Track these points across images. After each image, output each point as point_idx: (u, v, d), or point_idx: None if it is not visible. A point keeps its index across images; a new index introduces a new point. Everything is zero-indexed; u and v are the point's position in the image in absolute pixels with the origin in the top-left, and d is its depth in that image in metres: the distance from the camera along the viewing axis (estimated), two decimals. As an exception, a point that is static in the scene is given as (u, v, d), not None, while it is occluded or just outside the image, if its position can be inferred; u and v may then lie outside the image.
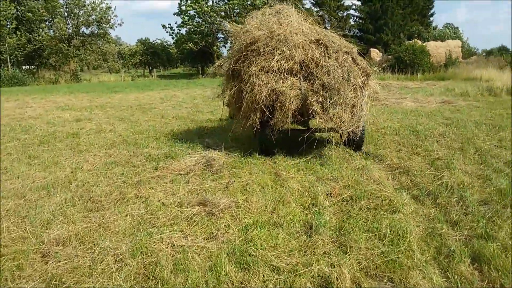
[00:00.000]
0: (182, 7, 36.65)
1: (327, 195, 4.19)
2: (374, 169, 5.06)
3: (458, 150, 5.97)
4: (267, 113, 5.36)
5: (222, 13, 37.72)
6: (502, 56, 32.00)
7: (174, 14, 37.59)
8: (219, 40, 39.80)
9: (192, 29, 36.64)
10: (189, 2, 36.45)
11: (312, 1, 46.74)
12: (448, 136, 6.90)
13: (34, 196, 4.33)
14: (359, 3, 47.36)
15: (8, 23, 33.53)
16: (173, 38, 39.69)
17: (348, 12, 46.70)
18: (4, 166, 5.64)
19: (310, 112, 5.30)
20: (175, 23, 43.77)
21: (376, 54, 37.16)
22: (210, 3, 38.59)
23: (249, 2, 36.95)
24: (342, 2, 45.73)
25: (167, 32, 39.68)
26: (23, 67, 36.72)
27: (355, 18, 47.63)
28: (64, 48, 36.27)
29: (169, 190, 4.38)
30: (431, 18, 49.00)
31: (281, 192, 4.28)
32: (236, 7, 37.18)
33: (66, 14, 37.10)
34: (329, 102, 5.17)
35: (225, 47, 39.74)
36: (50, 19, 36.33)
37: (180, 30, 38.25)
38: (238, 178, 4.79)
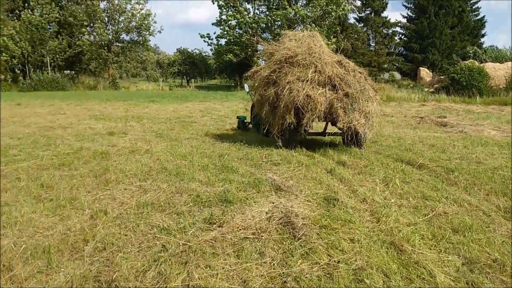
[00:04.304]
0: (222, 17, 35.58)
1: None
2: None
3: None
4: (302, 111, 6.47)
5: (263, 25, 36.41)
6: None
7: (213, 24, 36.56)
8: (259, 52, 38.52)
9: (232, 40, 35.43)
10: (230, 12, 35.38)
11: (356, 17, 44.94)
12: None
13: (24, 271, 2.75)
14: (405, 20, 45.14)
15: (50, 26, 33.55)
16: (211, 49, 38.75)
17: (393, 29, 44.50)
18: (5, 200, 4.16)
19: (335, 115, 6.53)
20: (214, 33, 42.94)
21: (426, 73, 34.74)
22: (251, 14, 37.40)
23: (291, 15, 35.48)
24: (387, 19, 43.57)
25: (205, 42, 38.66)
26: (65, 71, 36.70)
27: (400, 35, 45.35)
28: (104, 54, 36.00)
29: (236, 274, 2.69)
30: (482, 39, 45.94)
31: (426, 294, 2.52)
32: (278, 19, 35.77)
33: (106, 19, 36.91)
34: (350, 107, 6.49)
35: (264, 60, 38.37)
36: (91, 24, 36.21)
37: (218, 41, 37.21)
38: (339, 251, 3.06)
